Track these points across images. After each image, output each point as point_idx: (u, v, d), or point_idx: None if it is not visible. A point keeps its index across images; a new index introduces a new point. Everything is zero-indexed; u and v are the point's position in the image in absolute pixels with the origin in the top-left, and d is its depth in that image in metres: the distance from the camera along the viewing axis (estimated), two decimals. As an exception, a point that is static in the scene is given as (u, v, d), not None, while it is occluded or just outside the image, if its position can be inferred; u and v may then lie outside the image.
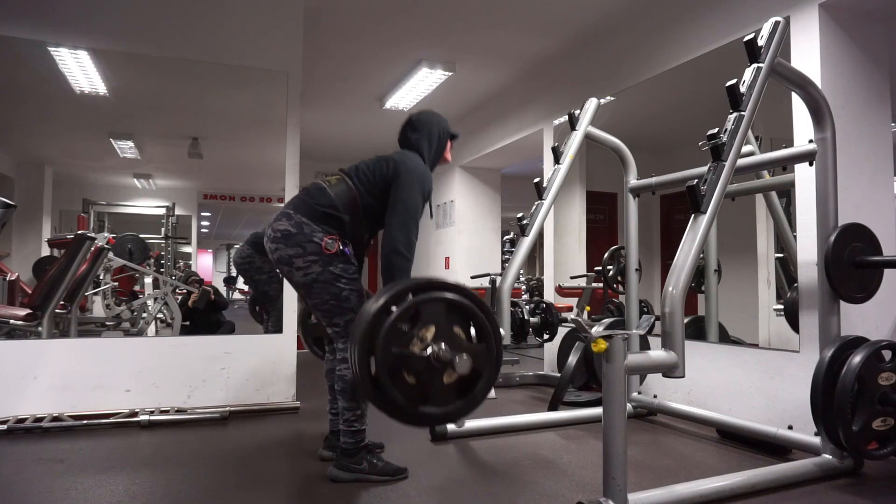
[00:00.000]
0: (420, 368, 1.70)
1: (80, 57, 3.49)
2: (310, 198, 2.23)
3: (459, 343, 1.76)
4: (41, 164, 4.47)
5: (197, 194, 5.21)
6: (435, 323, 1.74)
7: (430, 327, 1.73)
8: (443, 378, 1.72)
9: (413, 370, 1.70)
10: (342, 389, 2.23)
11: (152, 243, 5.15)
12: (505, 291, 2.90)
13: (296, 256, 2.16)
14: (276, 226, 2.20)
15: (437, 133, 2.45)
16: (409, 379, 1.71)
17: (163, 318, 4.61)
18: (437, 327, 1.73)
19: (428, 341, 1.72)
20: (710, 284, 3.65)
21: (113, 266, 4.69)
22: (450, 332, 1.75)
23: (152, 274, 4.92)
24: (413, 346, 1.70)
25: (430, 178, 2.33)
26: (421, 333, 1.72)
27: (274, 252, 2.21)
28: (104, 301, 4.71)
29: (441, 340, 1.73)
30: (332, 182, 2.28)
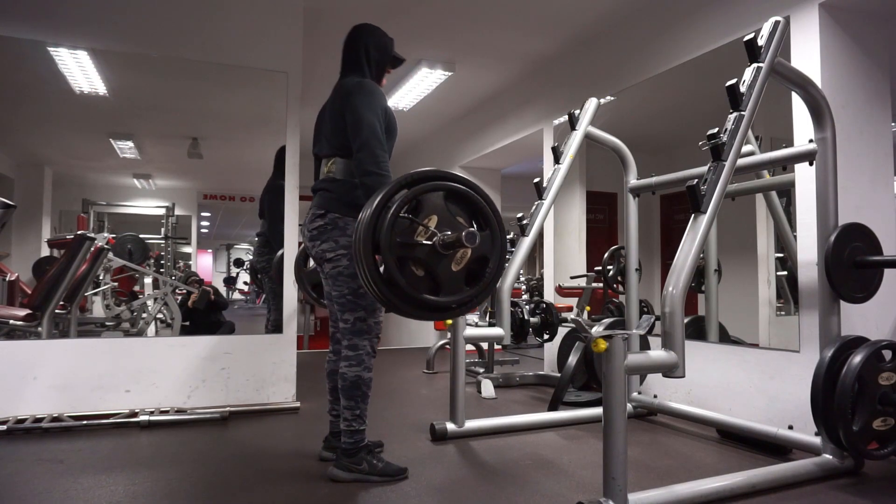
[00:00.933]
0: (427, 258, 1.68)
1: (79, 57, 3.49)
2: (331, 193, 2.26)
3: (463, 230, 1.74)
4: (41, 165, 4.47)
5: (197, 194, 5.21)
6: (436, 212, 1.72)
7: (431, 217, 1.72)
8: (451, 266, 1.70)
9: (420, 261, 1.68)
10: (344, 388, 2.23)
11: (152, 243, 5.14)
12: (505, 291, 2.90)
13: (328, 250, 2.21)
14: (312, 225, 2.28)
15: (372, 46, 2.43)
16: (417, 271, 1.69)
17: (163, 318, 4.60)
18: (439, 216, 1.72)
19: (431, 229, 1.70)
20: (710, 284, 3.65)
21: (113, 266, 4.69)
22: (452, 220, 1.74)
23: (152, 274, 4.91)
24: (417, 236, 1.68)
25: (380, 91, 2.30)
26: (423, 223, 1.70)
27: (312, 249, 2.28)
28: (104, 301, 4.70)
29: (444, 228, 1.71)
30: (332, 169, 2.30)
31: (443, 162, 7.04)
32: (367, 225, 1.68)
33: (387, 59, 2.49)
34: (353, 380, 2.21)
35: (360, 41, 2.43)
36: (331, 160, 2.32)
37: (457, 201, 1.77)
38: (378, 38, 2.47)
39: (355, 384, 2.21)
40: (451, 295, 1.75)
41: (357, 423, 2.22)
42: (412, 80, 5.12)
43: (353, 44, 2.44)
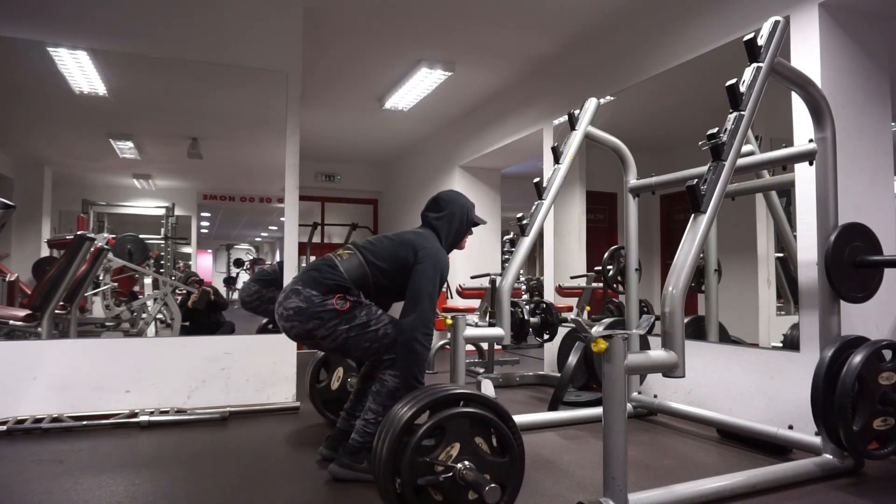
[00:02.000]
0: (446, 488, 1.71)
1: (79, 57, 3.48)
2: (319, 273, 2.25)
3: (483, 458, 1.76)
4: (40, 165, 4.46)
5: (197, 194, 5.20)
6: (459, 439, 1.74)
7: (454, 444, 1.73)
8: (467, 495, 1.72)
9: (439, 489, 1.71)
10: (378, 392, 2.26)
11: (152, 244, 5.13)
12: (505, 291, 2.90)
13: (315, 329, 2.19)
14: (287, 304, 2.22)
15: (458, 218, 2.48)
16: (435, 497, 1.72)
17: (162, 318, 4.60)
18: (461, 444, 1.74)
19: (453, 459, 1.72)
20: (710, 284, 3.65)
21: (112, 266, 4.68)
22: (474, 447, 1.76)
23: (152, 274, 4.91)
24: (438, 467, 1.71)
25: (448, 264, 2.37)
26: (446, 452, 1.73)
27: (291, 330, 2.24)
28: (104, 301, 4.70)
29: (465, 457, 1.73)
30: (343, 257, 2.31)
31: (443, 162, 7.05)
32: (390, 447, 1.71)
33: (463, 235, 2.55)
34: (393, 390, 2.24)
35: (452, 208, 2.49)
36: (348, 252, 2.32)
37: (480, 425, 1.79)
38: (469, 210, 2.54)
39: (393, 395, 2.23)
40: None
41: (374, 426, 2.24)
42: (412, 80, 5.12)
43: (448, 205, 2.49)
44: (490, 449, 1.79)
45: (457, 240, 2.51)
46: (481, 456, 1.76)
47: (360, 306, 2.23)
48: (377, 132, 6.99)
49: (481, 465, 1.75)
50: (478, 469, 1.73)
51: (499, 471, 1.77)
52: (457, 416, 1.75)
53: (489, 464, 1.76)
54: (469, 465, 1.72)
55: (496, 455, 1.79)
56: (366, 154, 8.27)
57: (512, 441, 1.80)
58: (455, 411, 1.76)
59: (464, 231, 2.52)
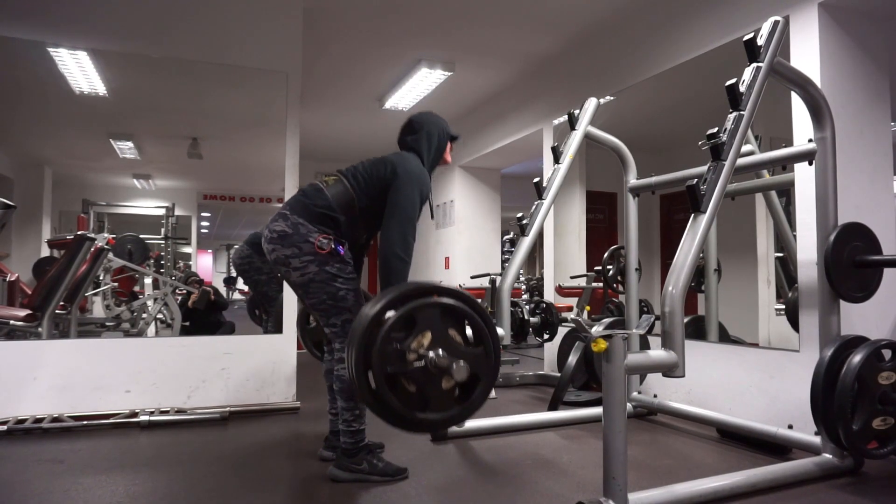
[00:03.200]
0: (418, 377, 1.70)
1: (79, 57, 3.49)
2: (306, 198, 2.24)
3: (456, 348, 1.75)
4: (41, 165, 4.47)
5: (197, 195, 5.21)
6: (431, 328, 1.73)
7: (426, 333, 1.72)
8: (441, 384, 1.71)
9: (412, 379, 1.70)
10: (340, 389, 2.23)
11: (152, 244, 5.14)
12: (505, 291, 2.90)
13: (292, 257, 2.16)
14: (273, 227, 2.21)
15: (436, 134, 2.44)
16: (408, 387, 1.71)
17: (163, 318, 4.60)
18: (433, 333, 1.73)
19: (425, 348, 1.71)
20: (709, 284, 3.65)
21: (113, 266, 4.69)
22: (446, 337, 1.75)
23: (152, 274, 4.92)
24: (410, 355, 1.69)
25: (429, 180, 2.33)
26: (417, 340, 1.71)
27: (271, 253, 2.22)
28: (104, 302, 4.70)
29: (438, 346, 1.72)
30: (329, 183, 2.29)
31: (443, 162, 7.04)
32: (360, 342, 1.69)
33: (443, 150, 2.50)
34: (349, 381, 2.21)
35: (428, 127, 2.45)
36: (332, 177, 2.31)
37: (452, 316, 1.78)
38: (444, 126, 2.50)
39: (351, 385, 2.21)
40: (438, 412, 1.76)
41: (357, 422, 2.22)
42: (412, 80, 5.12)
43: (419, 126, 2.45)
44: (464, 341, 1.78)
45: (438, 155, 2.46)
46: (455, 346, 1.75)
47: (338, 258, 2.19)
48: (377, 132, 6.98)
49: (455, 355, 1.74)
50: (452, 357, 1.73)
51: (473, 361, 1.76)
52: (426, 305, 1.74)
53: (463, 354, 1.75)
54: (442, 353, 1.71)
55: (470, 346, 1.78)
56: (366, 154, 8.18)
57: (485, 331, 1.79)
58: (424, 301, 1.74)
59: (444, 146, 2.48)
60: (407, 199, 2.21)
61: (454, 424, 1.87)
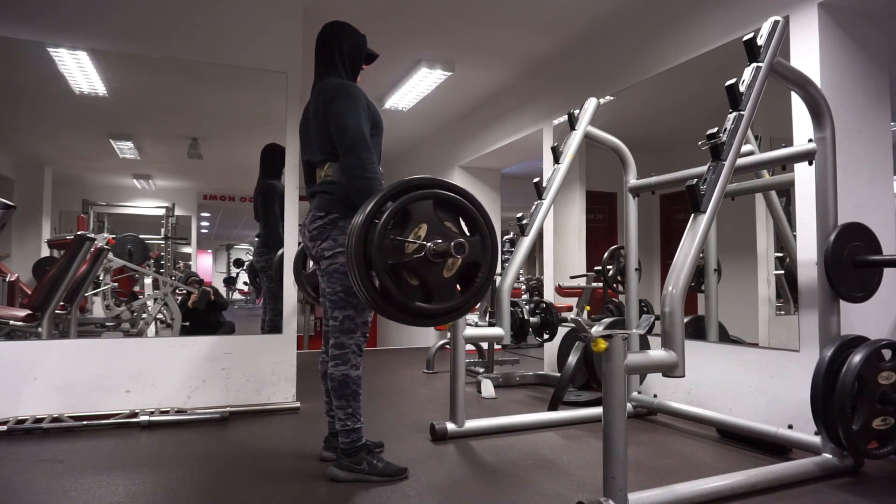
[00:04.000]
0: (419, 267, 1.70)
1: (79, 57, 3.49)
2: (330, 195, 2.25)
3: (452, 237, 1.76)
4: (41, 165, 4.47)
5: (197, 195, 5.21)
6: (426, 220, 1.74)
7: (421, 225, 1.73)
8: (443, 272, 1.72)
9: (413, 271, 1.70)
10: (333, 388, 2.24)
11: (152, 244, 5.14)
12: (505, 291, 2.90)
13: (327, 249, 2.22)
14: (312, 226, 2.28)
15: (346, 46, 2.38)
16: (410, 280, 1.71)
17: (163, 318, 4.60)
18: (428, 224, 1.74)
19: (422, 239, 1.72)
20: (709, 284, 3.65)
21: (113, 267, 4.69)
22: (441, 227, 1.75)
23: (152, 274, 4.91)
24: (408, 246, 1.70)
25: (361, 92, 2.25)
26: (413, 233, 1.72)
27: (313, 248, 2.28)
28: (104, 302, 4.70)
29: (434, 236, 1.73)
30: (329, 173, 2.29)
31: (443, 162, 7.05)
32: (357, 240, 1.69)
33: (361, 56, 2.44)
34: (341, 379, 2.22)
35: (333, 40, 2.39)
36: (326, 164, 2.31)
37: (445, 208, 1.79)
38: (351, 35, 2.42)
39: (343, 383, 2.22)
40: (443, 301, 1.77)
41: (351, 421, 2.22)
42: (412, 81, 5.12)
43: (326, 44, 2.40)
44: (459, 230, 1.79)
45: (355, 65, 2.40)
46: (451, 236, 1.76)
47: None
48: (377, 132, 6.97)
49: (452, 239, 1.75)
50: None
51: (470, 249, 1.78)
52: (418, 197, 1.74)
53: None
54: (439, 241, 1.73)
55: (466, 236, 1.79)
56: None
57: (480, 219, 1.81)
58: (415, 193, 1.75)
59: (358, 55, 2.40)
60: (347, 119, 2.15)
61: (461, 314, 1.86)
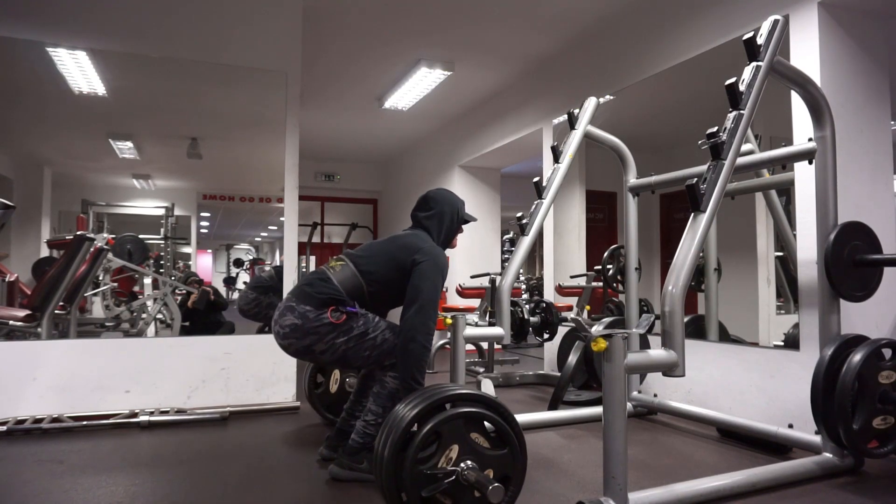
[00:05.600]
0: (451, 491, 1.71)
1: (78, 57, 3.48)
2: (311, 288, 2.23)
3: (483, 453, 1.76)
4: (40, 165, 4.46)
5: (196, 195, 5.20)
6: (457, 441, 1.74)
7: (452, 447, 1.73)
8: (474, 493, 1.72)
9: (446, 493, 1.72)
10: (378, 393, 2.26)
11: (151, 244, 5.13)
12: (505, 291, 2.90)
13: (313, 344, 2.18)
14: (283, 322, 2.21)
15: (449, 216, 2.45)
16: (444, 501, 1.72)
17: (162, 318, 4.60)
18: (459, 444, 1.74)
19: (453, 462, 1.72)
20: (709, 283, 3.65)
21: (112, 267, 4.68)
22: (472, 445, 1.76)
23: (152, 274, 4.91)
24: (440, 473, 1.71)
25: (447, 263, 2.33)
26: (445, 456, 1.73)
27: (289, 347, 2.23)
28: (103, 302, 4.70)
29: (466, 457, 1.73)
30: (336, 269, 2.29)
31: (443, 162, 7.04)
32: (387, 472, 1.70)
33: (454, 233, 2.51)
34: (393, 391, 2.24)
35: (442, 207, 2.45)
36: (340, 263, 2.31)
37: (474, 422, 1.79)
38: (460, 209, 2.50)
39: (393, 396, 2.23)
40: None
41: (374, 428, 2.24)
42: (411, 80, 5.11)
43: (437, 204, 2.46)
44: (489, 442, 1.79)
45: (448, 238, 2.48)
46: (480, 452, 1.76)
47: (356, 317, 2.21)
48: (376, 132, 6.98)
49: (482, 460, 1.75)
50: (479, 465, 1.73)
51: (500, 463, 1.78)
52: (449, 418, 1.75)
53: (489, 458, 1.76)
54: (470, 464, 1.72)
55: (495, 448, 1.79)
56: (365, 154, 8.27)
57: (509, 431, 1.80)
58: (447, 415, 1.76)
59: (454, 229, 2.49)
60: (431, 284, 2.22)
61: None
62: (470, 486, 1.71)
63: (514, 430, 1.81)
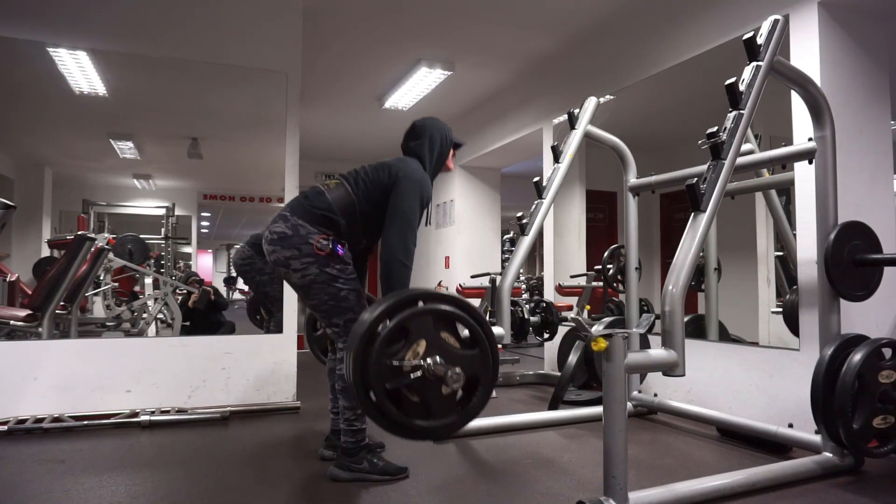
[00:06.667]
0: (418, 386, 1.70)
1: (78, 57, 3.49)
2: (307, 201, 2.24)
3: (452, 352, 1.75)
4: (41, 165, 4.47)
5: (197, 195, 5.21)
6: (424, 336, 1.73)
7: (420, 342, 1.72)
8: (441, 390, 1.71)
9: (412, 389, 1.71)
10: (342, 389, 2.23)
11: (152, 244, 5.14)
12: (505, 290, 2.90)
13: (292, 258, 2.17)
14: (273, 228, 2.22)
15: (438, 140, 2.45)
16: (410, 397, 1.71)
17: (163, 318, 4.61)
18: (427, 340, 1.73)
19: (420, 356, 1.71)
20: (709, 283, 3.65)
21: (113, 266, 4.69)
22: (440, 343, 1.74)
23: (152, 274, 4.91)
24: (406, 367, 1.69)
25: (430, 186, 2.33)
26: (412, 350, 1.71)
27: (271, 254, 2.22)
28: (104, 301, 4.71)
29: (434, 353, 1.72)
30: (330, 186, 2.30)
31: (442, 161, 7.04)
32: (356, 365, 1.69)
33: (446, 156, 2.50)
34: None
35: (431, 132, 2.45)
36: (335, 180, 2.32)
37: (445, 321, 1.78)
38: (448, 132, 2.50)
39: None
40: (441, 418, 1.76)
41: (359, 422, 2.23)
42: (411, 80, 5.11)
43: (422, 131, 2.46)
44: (459, 343, 1.78)
45: (440, 162, 2.47)
46: (450, 350, 1.74)
47: (338, 258, 2.19)
48: (377, 132, 6.98)
49: (451, 360, 1.73)
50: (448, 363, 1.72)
51: (470, 363, 1.76)
52: (417, 313, 1.73)
53: (459, 357, 1.75)
54: (438, 360, 1.71)
55: (466, 348, 1.78)
56: (366, 154, 8.26)
57: (479, 332, 1.79)
58: (415, 310, 1.74)
59: (446, 152, 2.48)
60: (408, 204, 2.22)
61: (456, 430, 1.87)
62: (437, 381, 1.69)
63: (485, 332, 1.80)
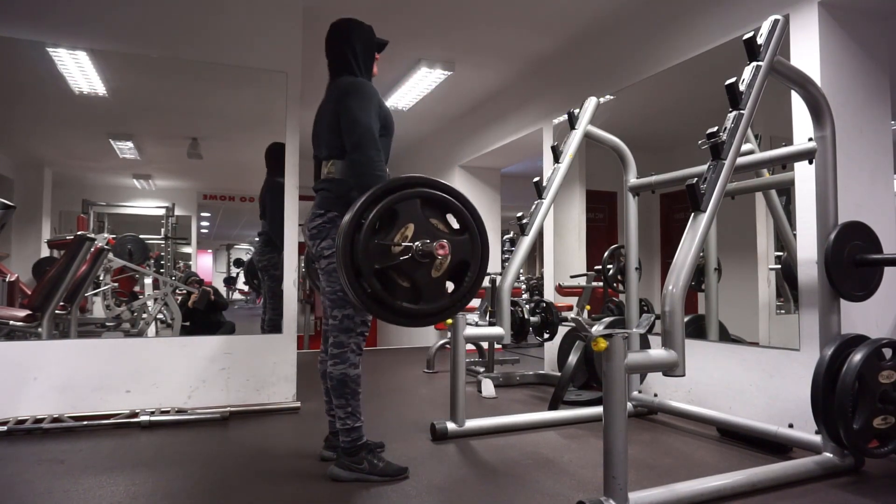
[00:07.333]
0: (407, 268, 1.69)
1: (78, 57, 3.48)
2: (330, 192, 2.27)
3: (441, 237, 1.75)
4: (40, 165, 4.47)
5: (197, 195, 5.21)
6: (413, 220, 1.72)
7: (408, 225, 1.71)
8: (430, 272, 1.70)
9: (402, 272, 1.69)
10: (333, 387, 2.24)
11: (152, 244, 5.14)
12: (505, 290, 2.90)
13: (326, 248, 2.22)
14: (311, 224, 2.29)
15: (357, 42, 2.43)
16: (401, 282, 1.70)
17: (163, 318, 4.60)
18: (415, 224, 1.72)
19: (409, 239, 1.70)
20: (710, 283, 3.65)
21: (113, 267, 4.69)
22: (428, 226, 1.73)
23: (152, 274, 4.91)
24: (394, 248, 1.68)
25: (374, 90, 2.29)
26: (400, 233, 1.70)
27: (313, 247, 2.28)
28: (104, 302, 4.70)
29: (422, 235, 1.72)
30: (331, 170, 2.30)
31: (443, 162, 7.04)
32: (345, 243, 1.68)
33: (372, 49, 2.48)
34: (340, 378, 2.22)
35: (343, 39, 2.44)
36: (329, 161, 2.33)
37: (433, 206, 1.77)
38: (360, 32, 2.47)
39: (342, 382, 2.22)
40: (432, 302, 1.76)
41: (351, 420, 2.23)
42: (411, 80, 5.12)
43: (336, 43, 2.45)
44: (448, 228, 1.77)
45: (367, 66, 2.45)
46: (439, 235, 1.74)
47: None
48: (377, 132, 6.96)
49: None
50: None
51: (458, 247, 1.76)
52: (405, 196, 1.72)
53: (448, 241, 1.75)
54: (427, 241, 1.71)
55: (455, 234, 1.77)
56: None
57: (468, 217, 1.79)
58: (403, 193, 1.73)
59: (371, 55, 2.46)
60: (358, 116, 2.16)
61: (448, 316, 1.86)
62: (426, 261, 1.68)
63: (473, 217, 1.80)
